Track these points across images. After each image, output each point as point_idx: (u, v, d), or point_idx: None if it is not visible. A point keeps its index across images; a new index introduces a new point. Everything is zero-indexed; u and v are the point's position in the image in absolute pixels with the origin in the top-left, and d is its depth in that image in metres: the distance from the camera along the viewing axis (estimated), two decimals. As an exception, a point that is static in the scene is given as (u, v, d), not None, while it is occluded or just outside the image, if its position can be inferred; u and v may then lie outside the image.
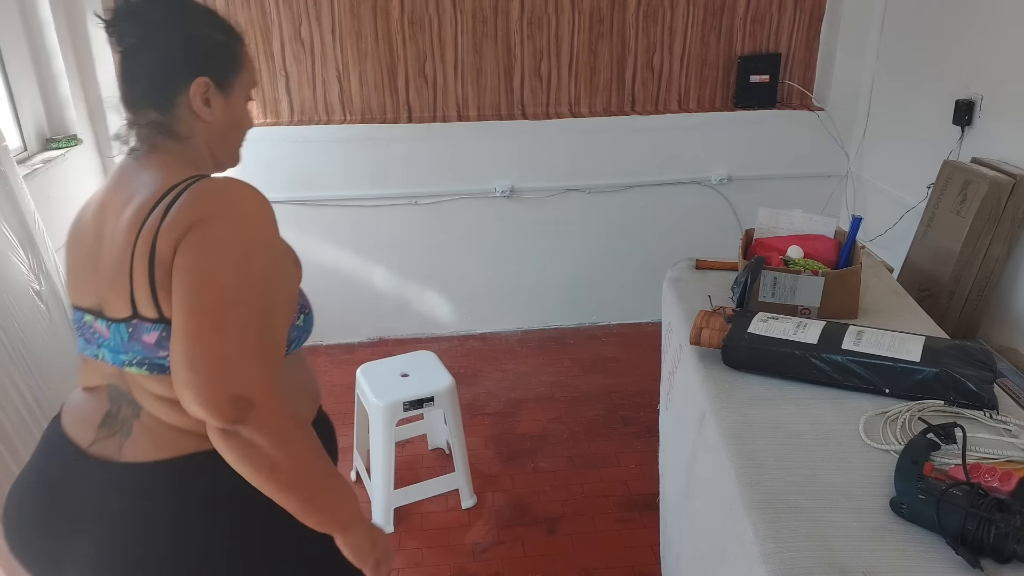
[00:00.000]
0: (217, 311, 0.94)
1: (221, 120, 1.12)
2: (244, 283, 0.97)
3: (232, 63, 1.12)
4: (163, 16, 1.08)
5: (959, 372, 1.37)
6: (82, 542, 1.04)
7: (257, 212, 1.02)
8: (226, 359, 0.93)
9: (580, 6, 3.16)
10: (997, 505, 1.03)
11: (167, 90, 1.10)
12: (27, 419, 2.13)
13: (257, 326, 0.97)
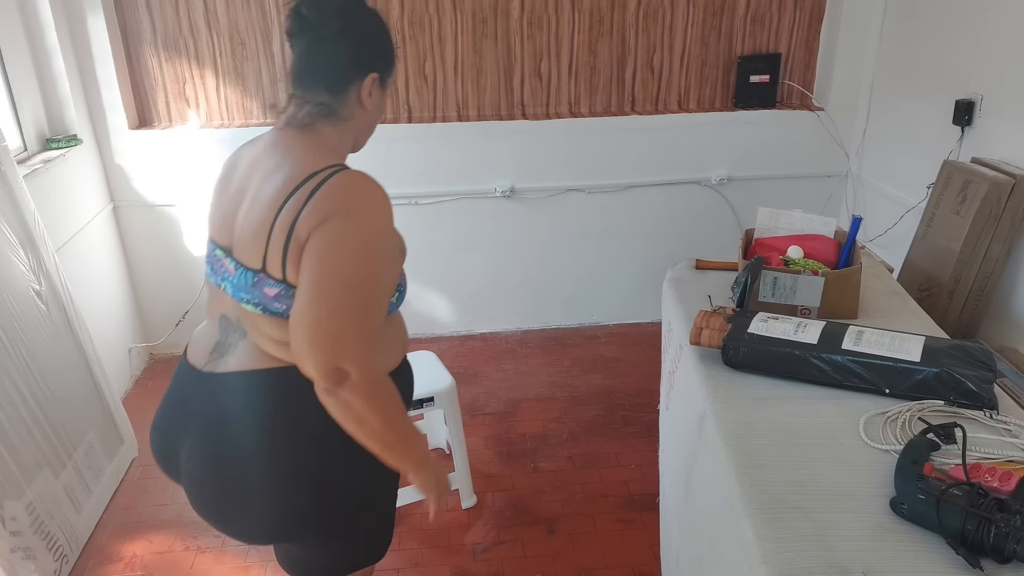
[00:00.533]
0: (337, 299, 1.14)
1: (374, 110, 1.32)
2: (362, 275, 1.16)
3: (393, 64, 1.33)
4: (356, 14, 1.26)
5: (959, 372, 1.37)
6: (197, 441, 1.29)
7: (380, 210, 1.21)
8: (339, 339, 1.13)
9: (580, 6, 3.16)
10: (997, 505, 1.03)
11: (344, 79, 1.26)
12: (27, 419, 2.13)
13: (366, 310, 1.17)
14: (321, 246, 1.15)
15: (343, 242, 1.15)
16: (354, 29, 1.26)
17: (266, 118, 3.20)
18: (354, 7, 1.27)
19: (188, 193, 3.16)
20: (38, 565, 2.03)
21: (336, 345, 1.12)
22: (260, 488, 1.27)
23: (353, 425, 1.18)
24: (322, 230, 1.15)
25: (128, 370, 3.17)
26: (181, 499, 2.48)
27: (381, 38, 1.30)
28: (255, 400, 1.26)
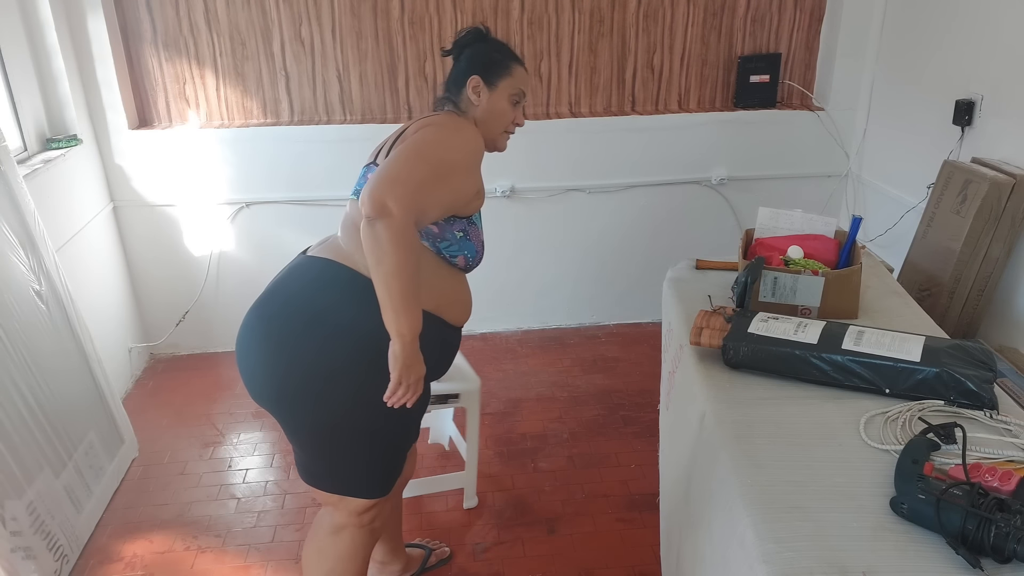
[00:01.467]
0: (410, 155, 1.43)
1: (485, 108, 1.64)
2: (436, 151, 1.47)
3: (499, 71, 1.63)
4: (470, 43, 1.68)
5: (959, 372, 1.37)
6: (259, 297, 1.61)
7: (469, 132, 1.56)
8: (395, 180, 1.36)
9: (580, 6, 3.16)
10: (997, 505, 1.03)
11: (458, 82, 1.66)
12: (27, 419, 2.13)
13: (430, 174, 1.42)
14: (417, 132, 1.52)
15: (429, 132, 1.51)
16: (465, 51, 1.68)
17: (266, 118, 3.21)
18: (470, 40, 1.68)
19: (188, 193, 3.16)
20: (38, 565, 2.03)
21: (392, 185, 1.34)
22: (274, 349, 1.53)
23: (374, 258, 1.35)
24: (419, 129, 1.54)
25: (128, 370, 3.17)
26: (181, 499, 2.49)
27: (487, 52, 1.66)
28: (307, 279, 1.56)
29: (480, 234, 1.64)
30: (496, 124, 1.66)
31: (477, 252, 1.62)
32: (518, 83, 1.66)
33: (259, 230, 3.26)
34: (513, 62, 1.65)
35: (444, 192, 1.47)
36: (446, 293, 1.60)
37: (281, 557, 2.25)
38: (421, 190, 1.39)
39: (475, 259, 1.63)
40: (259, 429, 2.87)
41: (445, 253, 1.57)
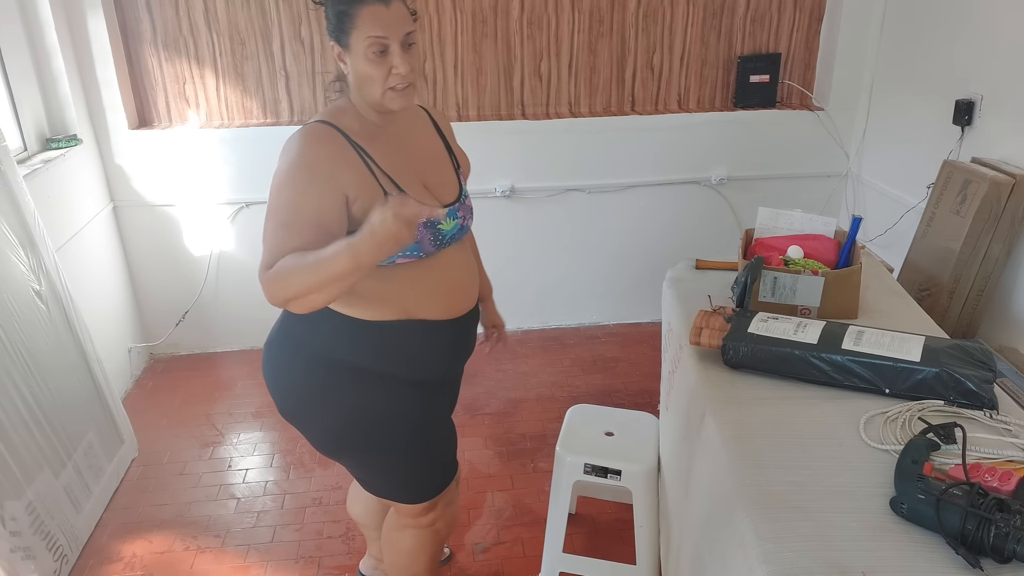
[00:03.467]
0: (266, 224, 1.40)
1: (353, 78, 1.42)
2: (272, 202, 1.40)
3: (345, 25, 1.37)
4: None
5: (959, 372, 1.37)
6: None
7: (293, 151, 1.41)
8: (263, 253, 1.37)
9: (580, 6, 3.16)
10: (997, 505, 1.03)
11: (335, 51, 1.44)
12: (27, 419, 2.13)
13: (273, 230, 1.37)
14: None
15: (272, 182, 1.43)
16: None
17: (266, 117, 3.20)
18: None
19: (188, 193, 3.16)
20: (38, 565, 2.03)
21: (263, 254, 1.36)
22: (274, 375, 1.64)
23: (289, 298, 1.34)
24: None
25: (128, 370, 3.17)
26: (181, 499, 2.49)
27: (329, 4, 1.41)
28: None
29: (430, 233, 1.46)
30: (369, 89, 1.39)
31: (419, 243, 1.43)
32: (368, 29, 1.34)
33: (259, 230, 3.23)
34: (356, 5, 1.34)
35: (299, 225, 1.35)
36: (410, 291, 1.47)
37: (281, 557, 2.25)
38: (274, 245, 1.35)
39: (420, 248, 1.43)
40: (259, 429, 2.87)
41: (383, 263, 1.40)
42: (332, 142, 1.40)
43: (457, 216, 1.52)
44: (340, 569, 2.21)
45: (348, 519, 2.39)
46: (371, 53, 1.35)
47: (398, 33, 1.36)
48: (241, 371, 3.26)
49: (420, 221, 1.34)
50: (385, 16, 1.35)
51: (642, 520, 2.00)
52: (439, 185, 1.54)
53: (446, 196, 1.54)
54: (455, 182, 1.58)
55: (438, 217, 1.40)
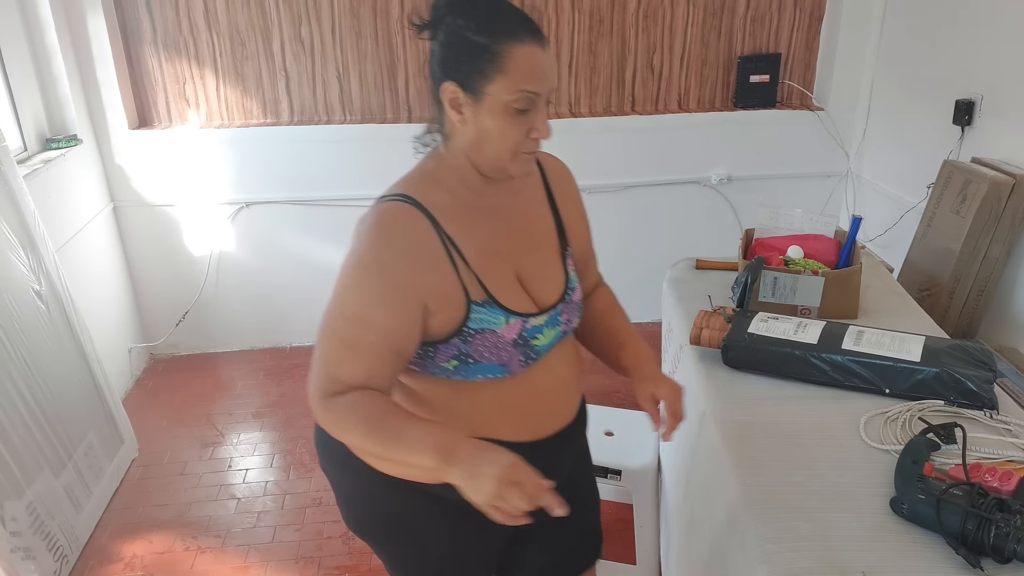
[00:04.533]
0: (320, 332, 1.13)
1: (472, 132, 1.08)
2: (334, 307, 1.11)
3: (482, 66, 1.03)
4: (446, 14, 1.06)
5: (959, 372, 1.37)
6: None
7: (372, 243, 1.07)
8: (311, 374, 1.12)
9: (580, 6, 3.16)
10: (997, 505, 1.03)
11: (434, 92, 1.10)
12: (27, 419, 2.13)
13: (331, 342, 1.11)
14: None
15: (336, 283, 1.11)
16: (444, 27, 1.06)
17: (266, 118, 3.20)
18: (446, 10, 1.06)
19: (188, 193, 3.16)
20: (38, 565, 2.03)
21: (310, 379, 1.12)
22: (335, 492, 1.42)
23: (347, 444, 1.13)
24: None
25: (128, 370, 3.17)
26: (181, 499, 2.49)
27: (458, 35, 1.04)
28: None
29: (499, 341, 1.11)
30: (495, 152, 1.09)
31: (505, 364, 1.12)
32: (522, 78, 1.03)
33: (259, 230, 3.26)
34: (506, 41, 1.02)
35: (366, 342, 1.08)
36: (485, 408, 1.17)
37: (281, 557, 2.25)
38: (331, 360, 1.10)
39: (507, 370, 1.13)
40: (259, 429, 2.87)
41: (457, 379, 1.14)
42: (415, 233, 1.08)
43: (559, 322, 1.19)
44: (340, 569, 2.21)
45: (348, 519, 2.39)
46: (514, 109, 1.04)
47: (550, 85, 1.07)
48: (241, 371, 3.26)
49: (523, 503, 0.97)
50: (542, 63, 1.05)
51: (642, 520, 1.99)
52: (538, 278, 1.19)
53: (546, 294, 1.18)
54: (559, 273, 1.22)
55: (552, 510, 0.98)
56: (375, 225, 1.07)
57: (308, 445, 2.76)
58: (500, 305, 1.11)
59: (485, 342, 1.10)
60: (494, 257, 1.14)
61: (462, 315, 1.09)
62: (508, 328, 1.11)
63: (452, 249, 1.09)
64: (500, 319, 1.11)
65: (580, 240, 1.30)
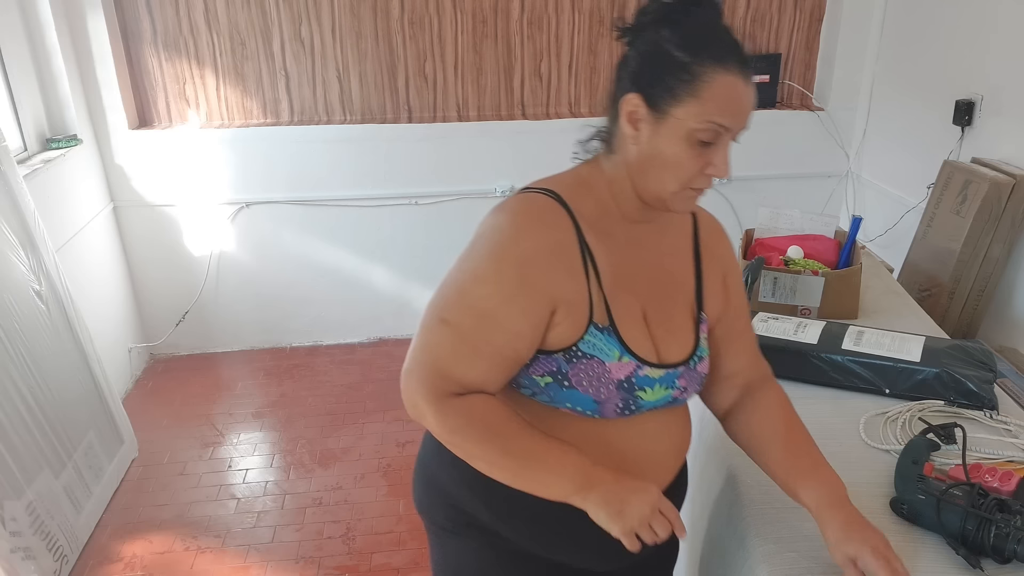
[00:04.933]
0: (426, 319, 1.01)
1: (644, 150, 0.98)
2: (455, 302, 0.99)
3: (676, 86, 0.94)
4: (651, 23, 0.97)
5: (959, 372, 1.37)
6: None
7: (501, 240, 0.98)
8: (412, 369, 1.00)
9: (580, 6, 3.16)
10: (997, 505, 1.03)
11: (613, 98, 1.01)
12: (27, 419, 2.13)
13: (446, 351, 0.98)
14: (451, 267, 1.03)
15: (456, 266, 1.00)
16: (645, 37, 0.97)
17: (266, 118, 3.20)
18: (654, 18, 0.96)
19: (188, 193, 3.16)
20: (38, 565, 2.03)
21: (411, 374, 0.99)
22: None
23: (458, 453, 1.02)
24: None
25: (128, 370, 3.17)
26: (181, 499, 2.49)
27: (660, 47, 0.95)
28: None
29: (604, 375, 1.00)
30: (661, 180, 0.99)
31: (599, 403, 1.01)
32: (715, 109, 0.95)
33: (259, 230, 3.26)
34: (710, 64, 0.94)
35: (490, 344, 0.98)
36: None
37: (281, 557, 2.25)
38: (446, 360, 0.98)
39: (598, 410, 1.02)
40: (259, 429, 2.87)
41: (542, 399, 1.04)
42: (557, 231, 0.99)
43: (674, 385, 1.05)
44: (340, 569, 2.21)
45: (348, 519, 2.39)
46: (697, 139, 0.95)
47: (743, 124, 1.01)
48: (241, 371, 3.26)
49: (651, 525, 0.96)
50: (742, 95, 0.99)
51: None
52: (664, 328, 1.07)
53: (670, 349, 1.06)
54: (690, 334, 1.09)
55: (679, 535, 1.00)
56: (519, 214, 0.99)
57: (308, 445, 2.76)
58: (620, 338, 1.01)
59: (589, 370, 1.00)
60: (625, 287, 1.03)
61: (579, 333, 0.99)
62: (619, 366, 1.00)
63: (589, 260, 1.00)
64: (614, 352, 1.00)
65: (719, 310, 1.15)
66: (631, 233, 1.06)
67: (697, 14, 0.96)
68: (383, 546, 2.28)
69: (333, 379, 3.17)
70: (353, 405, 2.99)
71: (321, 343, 3.44)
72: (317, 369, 3.25)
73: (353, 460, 2.66)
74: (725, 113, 0.96)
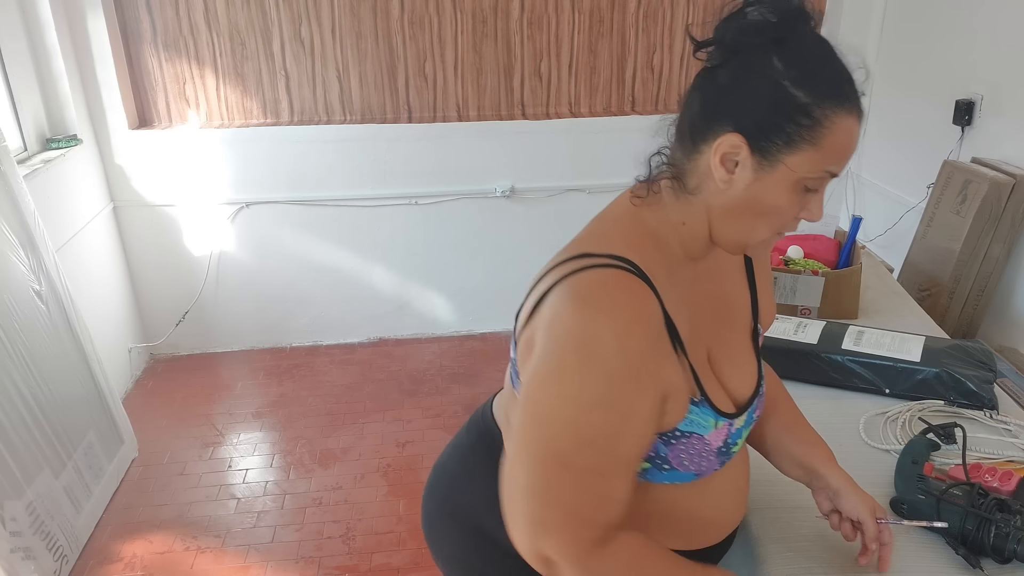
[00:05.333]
0: (539, 470, 0.83)
1: (738, 195, 0.84)
2: (567, 444, 0.82)
3: (794, 131, 0.79)
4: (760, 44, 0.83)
5: (959, 372, 1.37)
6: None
7: (603, 354, 0.80)
8: (539, 522, 0.84)
9: (580, 6, 3.16)
10: (997, 505, 1.03)
11: (697, 130, 0.88)
12: (27, 419, 2.13)
13: (577, 488, 0.83)
14: (529, 384, 0.86)
15: (548, 391, 0.83)
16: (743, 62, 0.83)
17: (266, 118, 3.20)
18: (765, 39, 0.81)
19: (188, 193, 3.16)
20: (38, 565, 2.03)
21: (536, 529, 0.84)
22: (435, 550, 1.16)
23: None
24: (537, 353, 0.85)
25: (128, 370, 3.17)
26: (181, 499, 2.49)
27: (775, 83, 0.80)
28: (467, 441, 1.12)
29: (704, 448, 0.92)
30: (749, 227, 0.87)
31: (699, 474, 0.94)
32: (833, 156, 0.81)
33: (259, 230, 3.26)
34: (831, 107, 0.79)
35: (616, 473, 0.85)
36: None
37: (281, 557, 2.25)
38: (582, 505, 0.84)
39: (695, 478, 0.94)
40: (259, 429, 2.87)
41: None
42: (653, 319, 0.84)
43: (753, 420, 1.00)
44: (340, 569, 2.21)
45: (348, 519, 2.39)
46: (804, 187, 0.83)
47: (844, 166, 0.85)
48: (241, 371, 3.26)
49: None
50: (856, 138, 0.83)
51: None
52: (728, 363, 0.98)
53: (740, 385, 0.98)
54: (751, 359, 1.02)
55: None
56: (611, 313, 0.81)
57: (308, 445, 2.76)
58: (712, 405, 0.91)
59: (689, 448, 0.90)
60: (695, 339, 0.92)
61: (683, 415, 0.88)
62: (716, 433, 0.91)
63: (674, 335, 0.87)
64: (710, 422, 0.90)
65: (772, 316, 1.09)
66: (692, 272, 0.94)
67: (804, 33, 0.81)
68: (383, 546, 2.28)
69: (333, 379, 3.17)
70: (353, 405, 2.99)
71: (321, 343, 3.44)
72: (317, 369, 3.25)
73: (353, 460, 2.66)
74: (841, 160, 0.82)
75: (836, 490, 1.02)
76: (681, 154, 0.89)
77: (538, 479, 0.84)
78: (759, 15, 0.82)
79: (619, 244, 0.87)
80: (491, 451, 1.02)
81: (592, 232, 0.92)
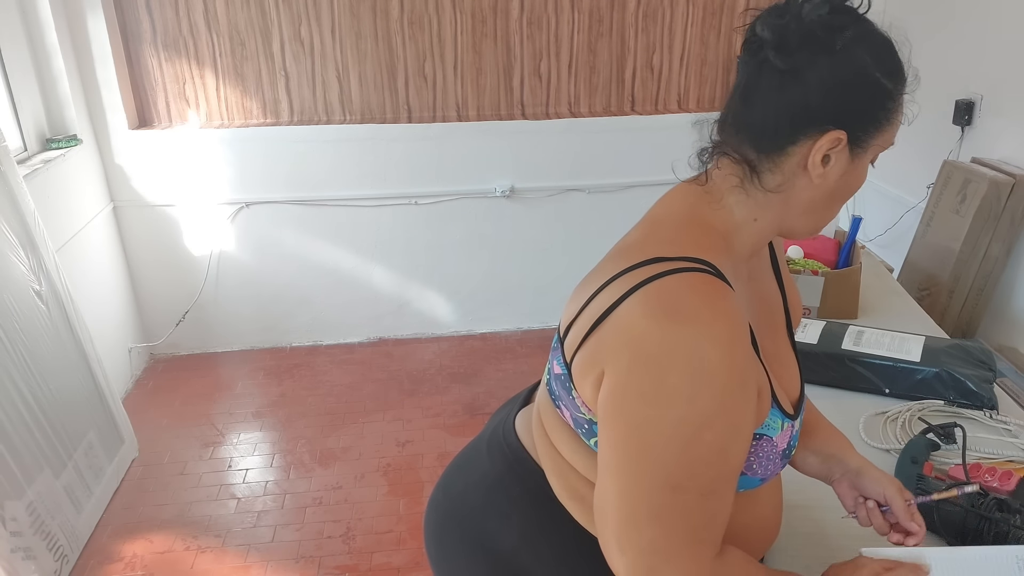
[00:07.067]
0: (654, 497, 0.78)
1: (828, 186, 0.84)
2: (683, 468, 0.77)
3: (880, 116, 0.84)
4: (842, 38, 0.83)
5: (959, 372, 1.37)
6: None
7: (716, 366, 0.75)
8: (657, 551, 0.79)
9: (580, 6, 3.16)
10: (997, 505, 1.03)
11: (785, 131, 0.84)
12: (27, 419, 2.13)
13: (698, 511, 0.79)
14: (623, 409, 0.79)
15: (653, 416, 0.77)
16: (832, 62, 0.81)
17: (266, 118, 3.20)
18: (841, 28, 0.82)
19: (188, 193, 3.16)
20: (38, 565, 2.03)
21: (653, 560, 0.79)
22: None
23: None
24: (621, 373, 0.79)
25: (128, 370, 3.17)
26: (181, 499, 2.49)
27: (870, 76, 0.83)
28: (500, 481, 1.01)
29: (773, 451, 0.90)
30: (833, 210, 0.89)
31: (764, 479, 0.92)
32: (894, 132, 0.87)
33: (259, 230, 3.26)
34: (903, 88, 0.87)
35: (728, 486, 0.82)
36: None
37: (281, 557, 2.25)
38: (703, 530, 0.80)
39: (758, 483, 0.92)
40: (259, 429, 2.87)
41: None
42: (743, 318, 0.79)
43: (801, 413, 0.98)
44: (340, 569, 2.21)
45: (348, 519, 2.39)
46: (872, 161, 0.87)
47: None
48: (241, 371, 3.26)
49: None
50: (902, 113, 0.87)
51: None
52: (777, 361, 0.96)
53: (790, 384, 0.97)
54: (793, 358, 1.01)
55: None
56: (706, 319, 0.76)
57: (308, 445, 2.76)
58: (780, 406, 0.88)
59: (759, 451, 0.88)
60: (757, 338, 0.87)
61: (764, 419, 0.86)
62: (782, 435, 0.89)
63: (751, 336, 0.83)
64: (778, 424, 0.88)
65: (799, 315, 1.07)
66: (747, 271, 0.92)
67: (865, 21, 0.86)
68: (383, 546, 2.28)
69: (333, 379, 3.17)
70: (353, 405, 3.00)
71: (321, 343, 3.44)
72: (317, 369, 3.25)
73: (353, 459, 2.66)
74: (894, 132, 0.87)
75: (856, 470, 1.00)
76: (756, 155, 0.86)
77: (651, 508, 0.78)
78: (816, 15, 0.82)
79: (691, 246, 0.83)
80: (525, 482, 0.97)
81: (653, 234, 0.87)
